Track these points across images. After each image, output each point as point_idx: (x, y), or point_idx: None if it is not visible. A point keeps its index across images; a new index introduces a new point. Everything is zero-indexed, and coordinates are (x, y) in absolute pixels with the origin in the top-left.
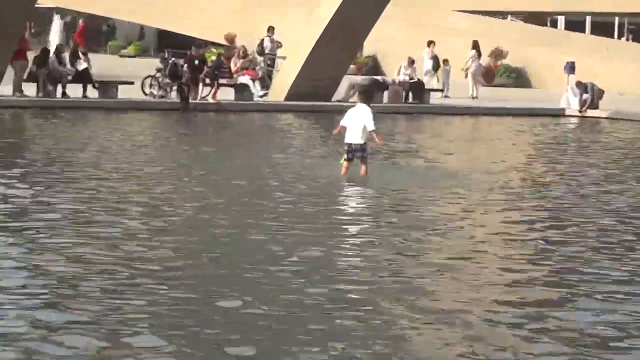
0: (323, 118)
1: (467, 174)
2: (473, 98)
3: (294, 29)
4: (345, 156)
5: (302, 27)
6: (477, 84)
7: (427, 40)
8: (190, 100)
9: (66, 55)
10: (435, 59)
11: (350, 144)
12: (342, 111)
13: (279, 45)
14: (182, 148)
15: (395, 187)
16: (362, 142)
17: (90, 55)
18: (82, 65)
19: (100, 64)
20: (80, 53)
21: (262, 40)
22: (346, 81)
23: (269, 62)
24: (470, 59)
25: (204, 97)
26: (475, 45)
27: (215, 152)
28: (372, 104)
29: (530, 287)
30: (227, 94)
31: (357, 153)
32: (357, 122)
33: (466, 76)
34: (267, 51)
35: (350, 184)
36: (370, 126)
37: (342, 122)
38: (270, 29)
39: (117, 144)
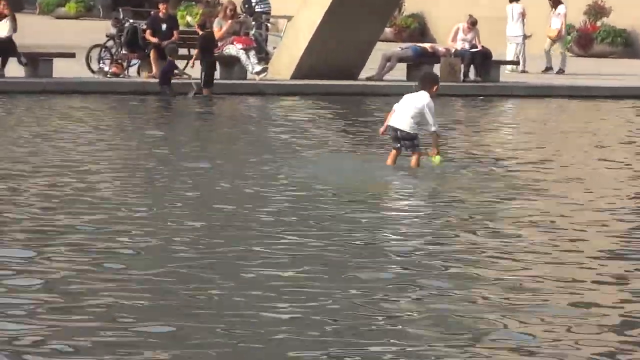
0: (346, 103)
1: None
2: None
3: None
4: (393, 144)
5: None
6: (562, 50)
7: None
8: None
9: None
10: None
11: (396, 128)
12: (373, 93)
13: None
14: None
15: None
16: (410, 131)
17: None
18: (1, 30)
19: (27, 28)
20: None
21: None
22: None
23: (266, 24)
24: (553, 18)
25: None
26: None
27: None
28: (434, 93)
29: None
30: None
31: (404, 142)
32: (408, 109)
33: (553, 44)
34: (258, 8)
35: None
36: (432, 126)
37: (395, 106)
38: None
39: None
